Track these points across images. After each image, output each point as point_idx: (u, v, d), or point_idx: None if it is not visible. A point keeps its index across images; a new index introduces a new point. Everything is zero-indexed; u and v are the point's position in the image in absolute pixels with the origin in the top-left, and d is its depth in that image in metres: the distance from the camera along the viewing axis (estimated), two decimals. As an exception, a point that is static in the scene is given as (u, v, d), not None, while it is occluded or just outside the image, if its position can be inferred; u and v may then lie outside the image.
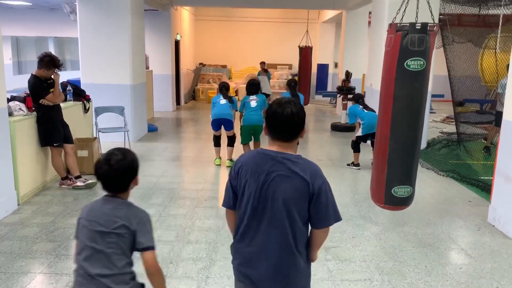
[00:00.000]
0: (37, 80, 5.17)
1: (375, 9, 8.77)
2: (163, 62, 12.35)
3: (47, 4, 12.55)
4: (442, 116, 12.56)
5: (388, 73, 3.58)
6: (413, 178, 3.68)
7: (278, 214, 1.93)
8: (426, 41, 3.38)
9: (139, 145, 8.07)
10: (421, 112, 3.57)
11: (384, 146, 3.63)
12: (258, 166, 1.96)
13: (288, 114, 1.93)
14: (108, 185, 2.07)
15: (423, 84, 3.51)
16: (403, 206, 3.79)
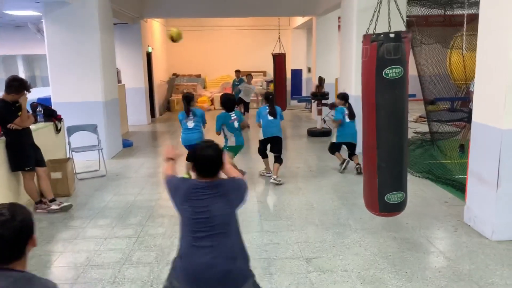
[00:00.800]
0: (4, 104, 5.04)
1: (344, 14, 8.89)
2: (135, 75, 12.23)
3: (13, 22, 12.27)
4: (415, 116, 12.78)
5: (367, 83, 3.63)
6: (404, 183, 3.75)
7: None
8: (402, 48, 3.45)
9: (114, 162, 7.95)
10: (404, 118, 3.65)
11: (372, 155, 3.68)
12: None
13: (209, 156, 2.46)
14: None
15: (403, 90, 3.58)
16: (397, 212, 3.85)
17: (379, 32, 3.54)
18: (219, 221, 2.40)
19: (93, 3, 7.81)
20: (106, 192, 6.25)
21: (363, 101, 3.74)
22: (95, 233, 4.75)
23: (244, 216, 5.12)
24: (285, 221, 4.98)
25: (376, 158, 3.65)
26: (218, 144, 2.56)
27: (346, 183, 6.46)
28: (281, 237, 4.53)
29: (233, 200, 2.51)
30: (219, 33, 16.99)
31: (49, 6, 7.77)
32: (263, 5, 12.02)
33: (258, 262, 3.96)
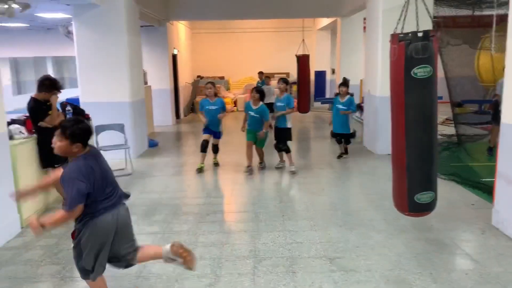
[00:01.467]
0: (36, 103, 5.21)
1: (369, 15, 8.83)
2: (161, 77, 12.42)
3: (44, 25, 12.65)
4: (442, 118, 12.55)
5: (396, 83, 3.61)
6: (434, 183, 3.71)
7: None
8: (430, 47, 3.43)
9: (140, 161, 8.09)
10: (434, 118, 3.62)
11: (401, 156, 3.67)
12: None
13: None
14: None
15: (432, 90, 3.54)
16: (427, 211, 3.81)
17: (406, 31, 3.52)
18: None
19: (121, 5, 7.99)
20: (132, 190, 6.37)
21: (392, 101, 3.72)
22: (122, 229, 4.84)
23: (266, 216, 5.16)
24: (308, 221, 4.98)
25: (406, 158, 3.62)
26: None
27: (370, 185, 6.41)
28: (304, 237, 4.54)
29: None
30: (243, 35, 17.11)
31: (78, 9, 7.98)
32: (288, 7, 12.04)
33: (281, 261, 3.98)
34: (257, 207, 5.52)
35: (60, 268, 3.95)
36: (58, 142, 2.90)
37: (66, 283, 3.69)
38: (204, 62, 17.11)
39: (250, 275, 3.75)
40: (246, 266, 3.92)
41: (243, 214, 5.29)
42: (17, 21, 11.95)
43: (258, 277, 3.72)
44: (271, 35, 17.11)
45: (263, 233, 4.66)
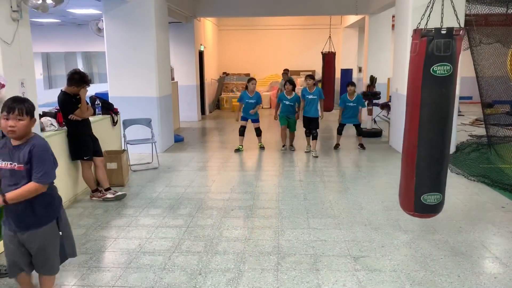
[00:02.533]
0: (66, 97, 5.34)
1: (398, 12, 8.68)
2: (187, 73, 12.54)
3: (75, 21, 12.94)
4: (471, 119, 12.27)
5: (414, 79, 3.54)
6: (443, 185, 3.62)
7: None
8: (452, 46, 3.34)
9: (166, 156, 8.20)
10: (449, 118, 3.52)
11: (412, 154, 3.59)
12: None
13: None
14: None
15: (450, 89, 3.45)
16: (432, 213, 3.73)
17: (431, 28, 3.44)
18: None
19: (150, 1, 8.09)
20: (158, 183, 6.47)
21: (407, 97, 3.64)
22: (147, 222, 4.93)
23: (290, 213, 5.16)
24: (333, 220, 4.95)
25: (416, 157, 3.54)
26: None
27: (396, 184, 6.28)
28: (328, 235, 4.51)
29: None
30: (269, 32, 17.07)
31: (109, 5, 8.13)
32: (315, 4, 11.97)
33: (304, 258, 3.97)
34: (281, 203, 5.51)
35: (88, 258, 4.04)
36: (19, 123, 2.73)
37: (93, 272, 3.77)
38: (230, 59, 17.17)
39: (274, 271, 3.75)
40: (270, 262, 3.92)
41: (267, 211, 5.30)
42: (49, 17, 12.26)
43: (281, 273, 3.71)
44: (297, 32, 17.03)
45: (287, 230, 4.66)
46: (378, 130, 10.16)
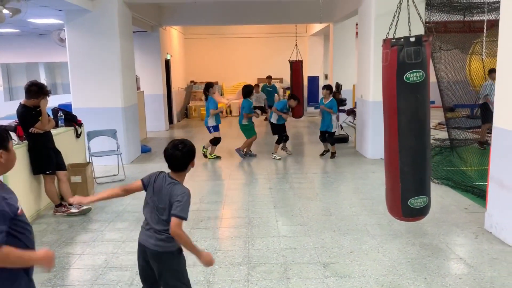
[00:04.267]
0: (26, 109, 5.17)
1: (361, 21, 8.87)
2: (154, 82, 12.39)
3: (36, 31, 12.59)
4: (434, 123, 12.62)
5: (388, 87, 3.61)
6: (427, 187, 3.70)
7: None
8: (422, 52, 3.43)
9: (132, 167, 8.04)
10: (426, 122, 3.61)
11: (394, 160, 3.66)
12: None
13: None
14: None
15: (425, 94, 3.55)
16: (420, 216, 3.80)
17: (398, 36, 3.53)
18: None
19: (113, 11, 7.96)
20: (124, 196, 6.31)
21: (384, 106, 3.72)
22: (113, 236, 4.80)
23: (260, 221, 5.14)
24: (302, 227, 4.96)
25: (399, 163, 3.62)
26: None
27: (364, 189, 6.41)
28: (298, 242, 4.51)
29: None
30: (236, 41, 17.12)
31: (71, 14, 7.94)
32: (280, 12, 12.08)
33: (275, 267, 3.96)
34: (251, 212, 5.49)
35: (51, 276, 3.89)
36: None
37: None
38: (197, 67, 17.09)
39: (244, 281, 3.72)
40: (240, 272, 3.88)
41: (236, 220, 5.26)
42: (8, 27, 11.88)
43: (252, 283, 3.69)
44: (264, 40, 17.15)
45: (257, 239, 4.63)
46: (345, 136, 10.31)
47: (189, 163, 2.74)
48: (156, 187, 2.72)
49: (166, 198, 2.64)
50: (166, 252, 2.69)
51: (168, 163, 2.72)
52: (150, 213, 2.72)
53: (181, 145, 2.71)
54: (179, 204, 2.58)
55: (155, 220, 2.69)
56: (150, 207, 2.73)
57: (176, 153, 2.68)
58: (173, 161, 2.70)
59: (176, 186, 2.67)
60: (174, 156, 2.68)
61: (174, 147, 2.70)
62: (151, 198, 2.73)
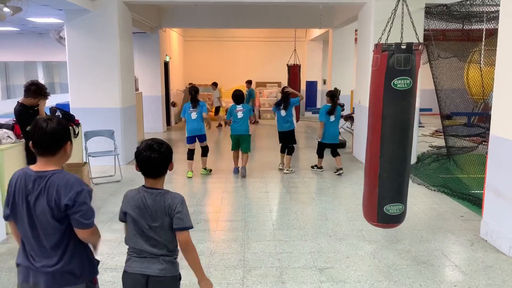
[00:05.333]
0: (23, 108, 5.16)
1: (361, 27, 8.91)
2: (152, 84, 12.39)
3: (36, 29, 12.57)
4: (431, 130, 12.68)
5: (375, 92, 3.63)
6: (404, 195, 3.71)
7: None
8: (412, 60, 3.45)
9: (129, 168, 8.02)
10: (409, 130, 3.62)
11: (374, 165, 3.66)
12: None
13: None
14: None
15: (411, 102, 3.56)
16: (395, 223, 3.81)
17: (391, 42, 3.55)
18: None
19: (113, 11, 7.97)
20: (121, 197, 6.25)
21: (369, 110, 3.74)
22: (109, 237, 4.78)
23: (256, 225, 5.13)
24: (298, 231, 4.96)
25: (378, 168, 3.63)
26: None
27: (360, 194, 6.39)
28: (294, 247, 4.51)
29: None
30: (235, 44, 17.15)
31: (71, 14, 7.94)
32: (280, 17, 12.13)
33: (270, 270, 3.95)
34: (247, 216, 5.49)
35: (46, 276, 3.87)
36: None
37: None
38: (196, 70, 17.11)
39: (239, 285, 3.71)
40: (235, 276, 3.88)
41: (232, 223, 5.26)
42: (8, 25, 11.85)
43: (247, 287, 3.68)
44: (263, 44, 17.18)
45: (253, 242, 4.63)
46: (342, 141, 10.32)
47: (168, 165, 2.36)
48: (138, 208, 2.32)
49: (161, 213, 2.29)
50: (172, 276, 2.38)
51: (144, 169, 2.32)
52: (141, 239, 2.33)
53: (156, 145, 2.32)
54: (182, 215, 2.29)
55: (150, 244, 2.32)
56: (139, 233, 2.33)
57: (153, 155, 2.28)
58: (151, 165, 2.29)
59: (167, 195, 2.32)
60: (152, 160, 2.27)
61: (148, 148, 2.30)
62: (135, 224, 2.33)
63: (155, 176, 2.34)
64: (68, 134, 2.21)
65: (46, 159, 2.15)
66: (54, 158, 2.16)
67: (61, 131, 2.16)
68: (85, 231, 2.16)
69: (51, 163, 2.16)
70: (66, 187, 2.08)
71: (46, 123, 2.13)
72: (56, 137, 2.15)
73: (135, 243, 2.36)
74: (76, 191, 2.09)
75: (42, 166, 2.16)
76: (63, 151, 2.19)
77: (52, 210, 2.09)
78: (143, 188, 2.36)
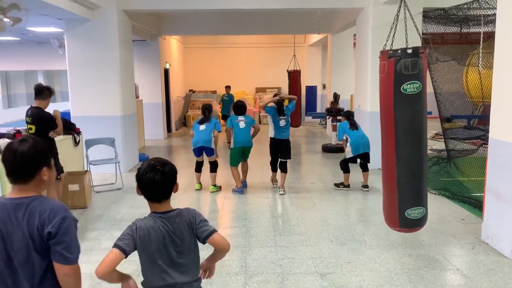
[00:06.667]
0: (48, 113, 5.29)
1: (359, 32, 8.95)
2: (153, 91, 12.44)
3: (36, 39, 12.64)
4: (431, 133, 12.67)
5: (386, 98, 3.65)
6: (424, 198, 3.73)
7: None
8: (419, 64, 3.48)
9: (130, 176, 8.01)
10: (423, 133, 3.65)
11: (391, 171, 3.68)
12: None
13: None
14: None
15: (422, 105, 3.58)
16: (418, 227, 3.82)
17: (395, 48, 3.57)
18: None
19: (113, 20, 8.02)
20: (122, 204, 6.32)
21: (381, 117, 3.76)
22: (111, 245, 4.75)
23: (258, 231, 5.14)
24: (300, 236, 4.96)
25: (396, 174, 3.64)
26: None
27: (362, 199, 6.42)
28: (295, 252, 4.51)
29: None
30: (235, 50, 17.22)
31: (71, 23, 8.00)
32: (279, 23, 12.18)
33: (272, 277, 3.96)
34: (248, 222, 5.49)
35: None
36: None
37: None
38: (196, 76, 17.17)
39: (241, 291, 3.72)
40: (237, 282, 3.88)
41: (234, 229, 5.26)
42: (8, 35, 11.93)
43: (248, 293, 3.68)
44: (263, 50, 17.25)
45: (254, 248, 4.63)
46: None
47: (173, 186, 2.17)
48: (163, 238, 2.11)
49: (186, 232, 2.13)
50: None
51: (148, 192, 2.12)
52: (171, 271, 2.12)
53: (159, 165, 2.11)
54: (204, 223, 2.16)
55: (181, 272, 2.14)
56: (167, 264, 2.11)
57: (157, 177, 2.08)
58: (156, 188, 2.10)
59: (183, 212, 2.17)
60: (158, 182, 2.08)
61: (152, 169, 2.09)
62: (161, 256, 2.11)
63: (161, 200, 2.13)
64: (45, 158, 1.89)
65: (19, 187, 1.86)
66: (28, 186, 1.86)
67: (34, 156, 1.85)
68: (66, 268, 1.85)
69: (27, 190, 1.86)
70: (50, 213, 1.81)
71: (17, 145, 1.84)
72: (27, 163, 1.84)
73: (164, 279, 2.11)
74: (61, 217, 1.82)
75: (18, 193, 1.86)
76: (38, 179, 1.87)
77: (33, 242, 1.81)
78: (156, 215, 2.13)
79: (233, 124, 6.73)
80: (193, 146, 6.85)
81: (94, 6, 7.79)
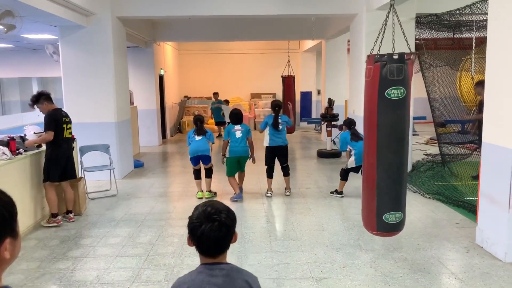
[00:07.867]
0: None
1: (353, 37, 9.01)
2: (147, 97, 12.44)
3: (30, 46, 12.62)
4: (426, 138, 12.74)
5: (370, 102, 3.67)
6: (403, 204, 3.73)
7: None
8: (405, 70, 3.50)
9: (125, 182, 8.01)
10: (405, 139, 3.66)
11: (371, 174, 3.69)
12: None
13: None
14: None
15: (405, 111, 3.60)
16: (395, 232, 3.82)
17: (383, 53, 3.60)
18: None
19: (107, 27, 8.03)
20: (117, 211, 6.30)
21: (364, 120, 3.79)
22: (105, 252, 4.77)
23: (253, 236, 5.13)
24: (295, 242, 4.96)
25: (376, 177, 3.65)
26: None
27: (356, 204, 6.43)
28: (290, 258, 4.51)
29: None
30: (229, 56, 17.28)
31: (65, 30, 8.00)
32: (274, 29, 12.24)
33: (267, 282, 3.95)
34: (244, 227, 5.48)
35: (42, 292, 3.85)
36: None
37: (47, 308, 3.59)
38: (191, 83, 17.20)
39: (236, 297, 3.70)
40: (232, 288, 3.86)
41: (229, 235, 5.25)
42: (2, 42, 11.90)
43: (244, 299, 3.66)
44: (258, 56, 17.32)
45: (250, 254, 4.63)
46: (338, 151, 10.36)
47: (232, 237, 1.78)
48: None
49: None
50: None
51: (205, 246, 1.74)
52: None
53: (216, 215, 1.71)
54: None
55: None
56: None
57: (214, 228, 1.70)
58: (215, 242, 1.72)
59: (243, 271, 1.82)
60: (214, 236, 1.70)
61: (207, 219, 1.71)
62: None
63: (218, 253, 1.77)
64: (7, 228, 1.28)
65: None
66: None
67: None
68: None
69: None
70: None
71: None
72: None
73: None
74: None
75: None
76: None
77: None
78: (205, 266, 1.77)
79: (230, 134, 6.68)
80: (191, 155, 6.82)
81: (88, 13, 7.80)
